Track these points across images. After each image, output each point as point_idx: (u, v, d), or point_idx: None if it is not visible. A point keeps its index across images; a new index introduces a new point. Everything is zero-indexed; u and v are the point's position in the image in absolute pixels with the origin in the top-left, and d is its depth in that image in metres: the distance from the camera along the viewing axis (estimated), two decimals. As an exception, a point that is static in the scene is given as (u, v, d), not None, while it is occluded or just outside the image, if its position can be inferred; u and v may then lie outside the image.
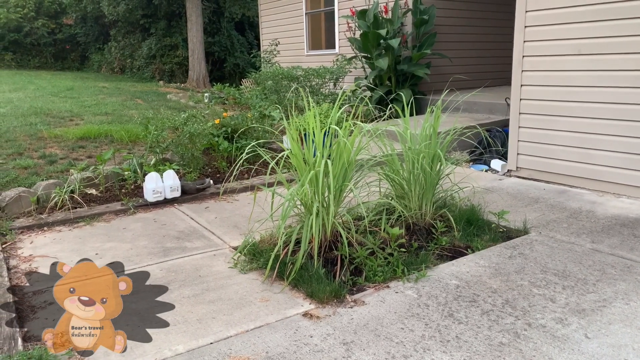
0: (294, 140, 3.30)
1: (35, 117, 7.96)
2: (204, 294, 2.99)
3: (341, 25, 9.92)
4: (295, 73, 8.45)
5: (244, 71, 18.53)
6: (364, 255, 3.18)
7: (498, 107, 7.39)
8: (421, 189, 3.71)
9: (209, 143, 5.99)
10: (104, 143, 6.59)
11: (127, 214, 4.47)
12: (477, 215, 3.93)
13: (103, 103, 9.96)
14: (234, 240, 3.85)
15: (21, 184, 4.82)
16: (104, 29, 21.26)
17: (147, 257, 3.54)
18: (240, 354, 2.37)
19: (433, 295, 2.90)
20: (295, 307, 2.81)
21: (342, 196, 3.37)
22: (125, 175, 5.02)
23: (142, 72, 19.33)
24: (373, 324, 2.61)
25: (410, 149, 3.61)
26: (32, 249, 3.72)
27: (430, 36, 8.10)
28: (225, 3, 18.75)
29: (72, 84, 13.69)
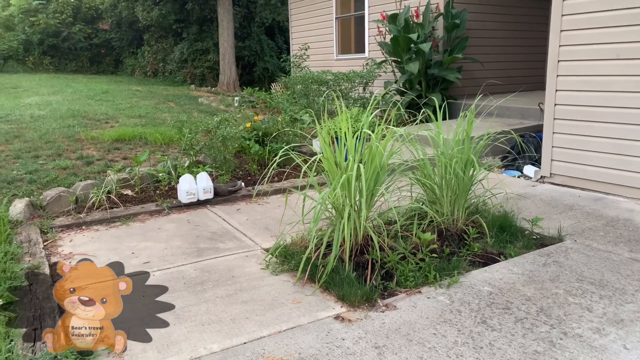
0: (326, 143, 3.33)
1: (73, 119, 8.22)
2: (237, 294, 3.04)
3: (371, 30, 9.92)
4: (325, 77, 8.50)
5: (273, 75, 18.70)
6: (395, 259, 3.18)
7: (531, 112, 7.27)
8: (453, 194, 3.69)
9: (240, 146, 6.08)
10: (138, 145, 6.76)
11: (162, 215, 4.58)
12: (510, 222, 3.89)
13: (137, 106, 10.21)
14: (265, 242, 3.90)
15: (60, 184, 4.99)
16: (138, 33, 21.78)
17: (181, 257, 3.62)
18: (273, 354, 2.40)
19: (465, 301, 2.88)
20: (327, 310, 2.83)
21: (374, 200, 3.38)
22: (160, 177, 5.14)
23: (174, 76, 19.72)
24: (405, 329, 2.61)
25: (443, 153, 3.59)
26: (71, 247, 3.84)
27: (462, 40, 8.03)
28: (256, 8, 18.97)
29: (107, 87, 14.07)
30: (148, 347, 2.48)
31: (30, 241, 3.79)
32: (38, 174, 5.30)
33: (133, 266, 3.47)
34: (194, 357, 2.40)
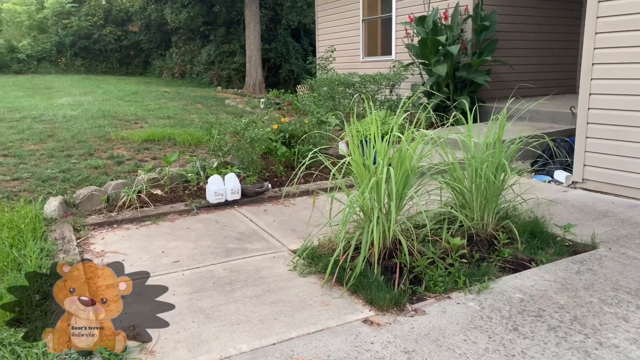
0: (355, 145, 3.32)
1: (104, 119, 8.40)
2: (265, 295, 3.06)
3: (398, 32, 9.88)
4: (351, 79, 8.49)
5: (298, 77, 18.78)
6: (424, 264, 3.15)
7: (562, 116, 7.12)
8: (483, 198, 3.64)
9: (267, 148, 6.12)
10: (167, 145, 6.87)
11: (191, 214, 4.64)
12: (541, 228, 3.81)
13: (165, 107, 10.37)
14: (292, 244, 3.91)
15: (92, 183, 5.11)
16: (166, 35, 22.14)
17: (210, 257, 3.66)
18: (302, 356, 2.41)
19: (496, 308, 2.84)
20: (355, 313, 2.82)
21: (403, 203, 3.36)
22: (189, 177, 5.20)
23: (201, 78, 19.98)
24: (434, 334, 2.58)
25: (474, 157, 3.54)
26: (103, 244, 3.92)
27: (491, 43, 7.92)
28: (282, 10, 19.09)
29: (136, 88, 14.34)
30: (179, 346, 2.51)
31: (64, 238, 3.88)
32: (71, 172, 5.43)
33: (163, 265, 3.52)
34: (224, 357, 2.42)
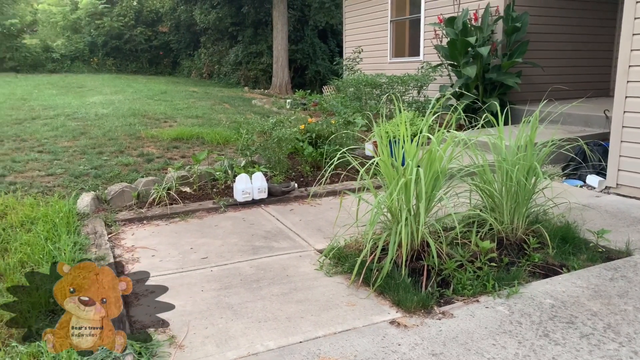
0: (385, 146, 3.31)
1: (134, 118, 8.57)
2: (291, 293, 3.07)
3: (427, 33, 9.80)
4: (378, 80, 8.46)
5: (324, 78, 18.81)
6: (452, 267, 3.12)
7: (594, 120, 6.96)
8: (514, 202, 3.58)
9: (293, 148, 6.15)
10: (195, 144, 6.96)
11: (218, 212, 4.69)
12: (573, 233, 3.73)
13: (194, 107, 10.52)
14: (318, 243, 3.92)
15: (123, 180, 5.21)
16: (195, 36, 22.46)
17: (237, 254, 3.70)
18: (329, 355, 2.41)
19: (526, 313, 2.79)
20: (382, 314, 2.81)
21: (431, 205, 3.33)
22: (217, 176, 5.27)
23: (228, 78, 20.20)
24: (463, 338, 2.55)
25: (505, 159, 3.49)
26: (133, 240, 4.00)
27: (522, 44, 7.79)
28: (310, 11, 19.15)
29: (165, 87, 14.58)
30: (207, 341, 2.55)
31: (95, 233, 3.97)
32: (102, 169, 5.56)
33: (192, 261, 3.57)
34: (251, 353, 2.44)
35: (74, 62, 21.24)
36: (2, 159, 5.81)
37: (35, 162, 5.78)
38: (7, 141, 6.67)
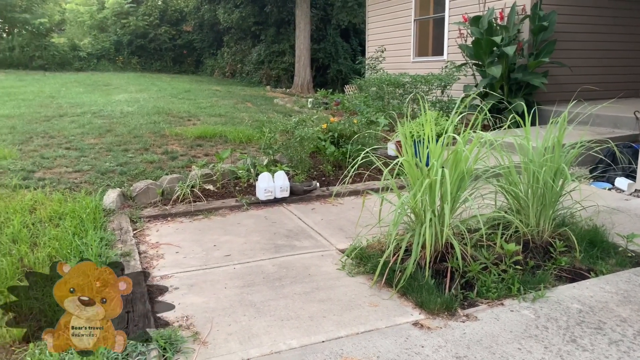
0: (409, 146, 3.28)
1: (158, 116, 8.68)
2: (314, 293, 3.07)
3: (451, 32, 9.70)
4: (402, 79, 8.41)
5: (346, 77, 18.78)
6: (476, 269, 3.08)
7: (624, 121, 6.79)
8: (540, 204, 3.52)
9: (315, 147, 6.15)
10: (218, 143, 7.02)
11: (241, 210, 4.72)
12: (601, 237, 3.65)
13: (217, 105, 10.61)
14: (340, 243, 3.91)
15: (148, 177, 5.29)
16: (218, 35, 22.65)
17: (260, 252, 3.72)
18: (351, 355, 2.40)
19: (553, 317, 2.74)
20: (405, 316, 2.79)
21: (456, 206, 3.29)
22: (240, 174, 5.30)
23: (250, 77, 20.32)
24: (487, 341, 2.52)
25: (532, 161, 3.43)
26: (158, 236, 4.05)
27: (549, 44, 7.65)
28: (333, 10, 19.13)
29: (189, 86, 14.75)
30: (230, 338, 2.56)
31: (121, 229, 4.04)
32: (128, 166, 5.65)
33: (215, 258, 3.61)
34: (274, 351, 2.44)
35: (100, 60, 21.63)
36: (32, 155, 5.95)
37: (63, 158, 5.91)
38: (36, 138, 6.83)
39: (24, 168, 5.40)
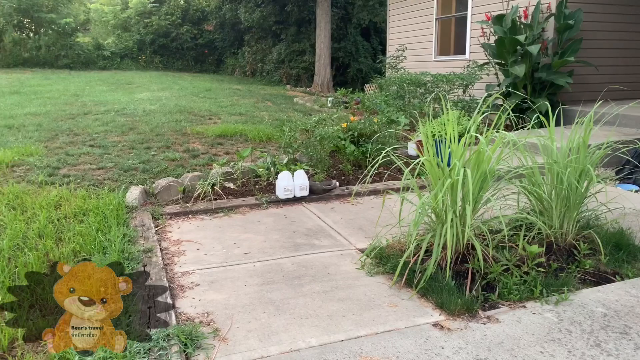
0: (430, 145, 3.26)
1: (180, 114, 8.78)
2: (333, 292, 3.07)
3: (473, 31, 9.59)
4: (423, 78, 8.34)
5: (366, 76, 18.70)
6: (498, 271, 3.04)
7: (652, 122, 6.63)
8: (564, 206, 3.46)
9: (335, 146, 6.15)
10: (239, 141, 7.07)
11: (260, 208, 4.75)
12: (627, 240, 3.57)
13: (237, 104, 10.69)
14: (359, 242, 3.90)
15: (170, 174, 5.35)
16: (239, 34, 22.79)
17: (279, 250, 3.73)
18: (371, 355, 2.40)
19: (576, 321, 2.69)
20: (425, 316, 2.77)
21: (478, 207, 3.26)
22: (259, 172, 5.33)
23: (270, 76, 20.40)
24: (509, 344, 2.49)
25: (556, 161, 3.37)
26: (179, 233, 4.10)
27: (575, 42, 7.50)
28: (353, 9, 19.08)
29: (210, 85, 14.88)
30: (250, 335, 2.58)
31: (143, 226, 4.10)
32: (150, 164, 5.72)
33: (235, 255, 3.63)
34: (293, 349, 2.45)
35: (123, 59, 21.97)
36: (57, 152, 6.08)
37: (87, 155, 6.02)
38: (62, 135, 6.97)
39: (50, 165, 5.51)
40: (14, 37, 19.70)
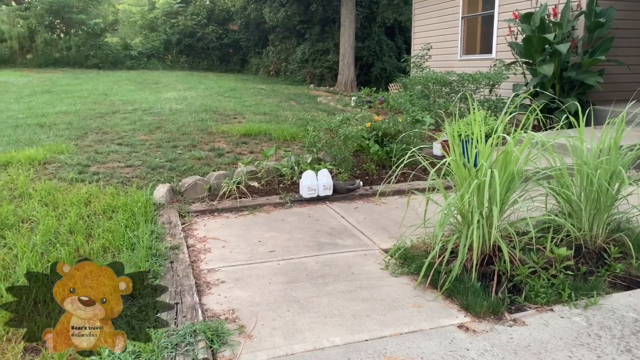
0: (457, 145, 3.23)
1: (205, 113, 8.89)
2: (357, 291, 3.08)
3: (500, 30, 9.45)
4: (448, 78, 8.26)
5: (390, 76, 18.60)
6: (525, 273, 3.00)
7: (687, 122, 6.42)
8: (593, 208, 3.39)
9: (359, 145, 6.13)
10: (263, 140, 7.12)
11: (284, 207, 4.78)
12: (660, 244, 3.47)
13: (261, 104, 10.76)
14: (383, 243, 3.89)
15: (196, 173, 5.43)
16: (264, 34, 22.93)
17: (303, 249, 3.75)
18: (395, 355, 2.39)
19: (606, 326, 2.63)
20: (450, 318, 2.75)
21: (505, 208, 3.22)
22: (283, 171, 5.36)
23: (294, 76, 20.47)
24: (536, 347, 2.45)
25: (586, 163, 3.31)
26: (205, 231, 4.16)
27: (606, 41, 7.33)
28: (378, 8, 19.00)
29: (234, 85, 15.02)
30: (275, 333, 2.60)
31: (170, 223, 4.17)
32: (177, 162, 5.82)
33: (260, 254, 3.66)
34: (318, 348, 2.47)
35: (150, 59, 22.34)
36: (87, 150, 6.22)
37: (115, 153, 6.14)
38: (91, 133, 7.14)
39: (80, 162, 5.65)
40: (45, 38, 20.25)
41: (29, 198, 4.44)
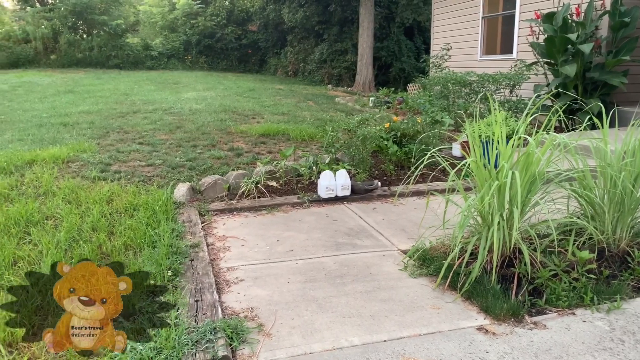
0: (477, 146, 3.21)
1: (224, 113, 8.96)
2: (375, 292, 3.08)
3: (521, 29, 9.34)
4: (468, 78, 8.20)
5: (409, 76, 18.51)
6: (546, 276, 2.96)
7: None
8: (617, 211, 3.33)
9: (377, 146, 6.12)
10: (281, 140, 7.15)
11: (302, 207, 4.79)
12: (686, 248, 3.40)
13: (280, 104, 10.80)
14: (401, 243, 3.88)
15: (215, 172, 5.48)
16: (282, 34, 23.02)
17: (321, 249, 3.76)
18: (414, 356, 2.39)
19: (629, 330, 2.59)
20: (469, 320, 2.74)
21: (525, 210, 3.18)
22: (302, 171, 5.38)
23: (312, 76, 20.51)
24: (557, 351, 2.42)
25: (610, 165, 3.25)
26: (224, 230, 4.20)
27: (631, 41, 7.19)
28: (397, 8, 18.92)
29: (253, 85, 15.10)
30: (293, 332, 2.62)
31: (190, 221, 4.21)
32: (196, 162, 5.87)
33: (278, 253, 3.69)
34: (336, 347, 2.47)
35: (170, 59, 22.59)
36: (109, 149, 6.32)
37: (136, 152, 6.23)
38: (113, 133, 7.25)
39: (102, 161, 5.74)
40: (68, 39, 20.63)
41: (53, 196, 4.53)
